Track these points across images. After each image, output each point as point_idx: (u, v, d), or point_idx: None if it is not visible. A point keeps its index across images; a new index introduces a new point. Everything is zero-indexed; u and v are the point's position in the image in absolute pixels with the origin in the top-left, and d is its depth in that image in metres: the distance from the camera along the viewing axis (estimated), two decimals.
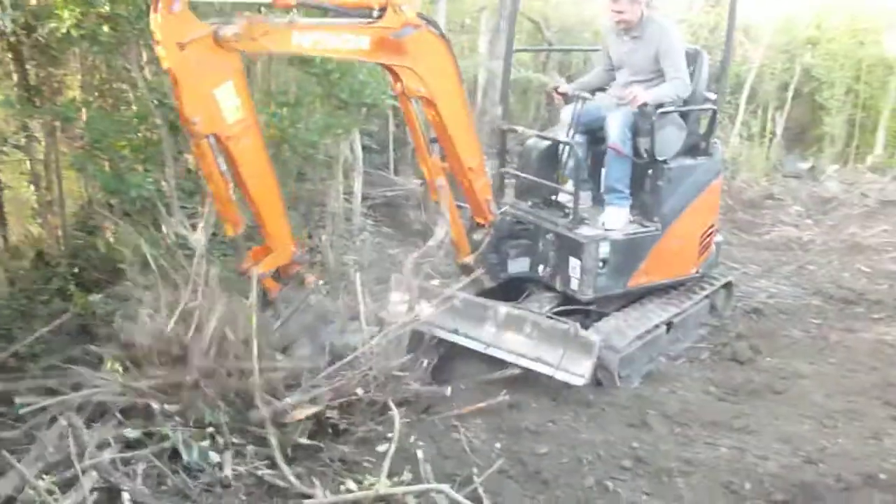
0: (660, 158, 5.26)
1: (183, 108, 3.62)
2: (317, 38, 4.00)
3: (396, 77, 4.52)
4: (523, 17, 12.26)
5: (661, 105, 5.15)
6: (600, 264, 5.14)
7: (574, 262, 5.20)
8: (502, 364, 4.88)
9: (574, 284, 5.24)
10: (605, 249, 5.14)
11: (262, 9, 3.89)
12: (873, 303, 6.76)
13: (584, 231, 5.21)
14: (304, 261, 4.60)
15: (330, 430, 3.97)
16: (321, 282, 4.66)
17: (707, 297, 6.02)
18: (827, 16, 13.39)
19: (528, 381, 4.80)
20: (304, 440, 3.82)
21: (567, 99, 5.63)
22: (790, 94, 12.97)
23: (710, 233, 5.78)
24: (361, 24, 4.15)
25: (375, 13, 4.17)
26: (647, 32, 5.29)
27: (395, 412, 3.97)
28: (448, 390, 4.54)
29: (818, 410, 4.74)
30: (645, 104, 5.10)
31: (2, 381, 4.28)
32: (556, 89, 5.83)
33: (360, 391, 4.07)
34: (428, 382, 4.70)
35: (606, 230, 5.25)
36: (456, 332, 5.02)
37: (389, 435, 3.82)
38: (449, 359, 5.18)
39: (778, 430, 4.45)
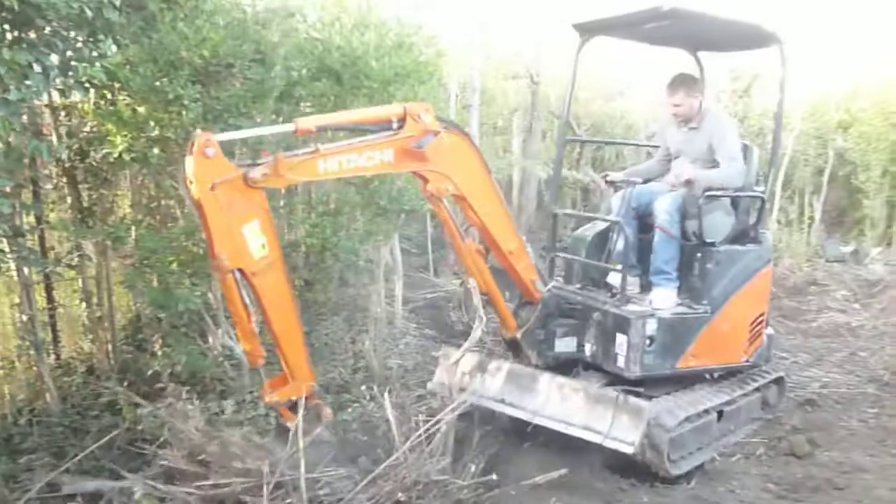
0: (708, 241, 5.31)
1: (211, 244, 3.78)
2: (341, 161, 4.14)
3: (425, 180, 4.64)
4: (553, 115, 12.59)
5: (709, 189, 5.24)
6: (647, 342, 5.11)
7: (621, 339, 5.18)
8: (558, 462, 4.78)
9: (621, 362, 5.20)
10: (652, 326, 5.12)
11: None
12: None
13: (632, 308, 5.24)
14: (320, 395, 4.60)
15: None
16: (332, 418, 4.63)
17: (758, 389, 5.88)
18: (855, 99, 13.51)
19: (579, 485, 4.69)
20: None
21: (616, 187, 5.74)
22: (825, 178, 12.99)
23: (761, 321, 5.74)
24: (383, 138, 4.30)
25: (395, 125, 4.32)
26: (705, 123, 5.48)
27: None
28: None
29: None
30: (690, 180, 5.21)
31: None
32: (605, 177, 6.01)
33: (401, 496, 4.03)
34: (475, 486, 4.61)
35: (654, 308, 5.26)
36: (503, 401, 4.99)
37: None
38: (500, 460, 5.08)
39: None
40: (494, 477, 4.42)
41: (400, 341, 7.32)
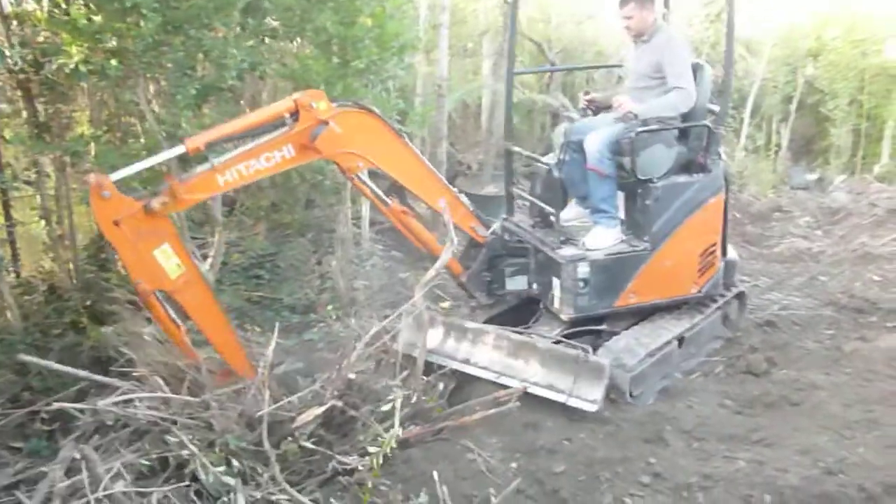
0: (643, 178, 5.20)
1: (129, 271, 4.10)
2: (240, 169, 4.25)
3: (337, 161, 4.73)
4: (525, 38, 12.37)
5: (657, 120, 5.14)
6: (581, 284, 5.12)
7: (555, 282, 5.21)
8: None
9: (556, 303, 5.25)
10: (584, 269, 5.11)
11: None
12: (887, 312, 6.69)
13: (564, 251, 5.21)
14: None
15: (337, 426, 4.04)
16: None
17: (719, 308, 5.97)
18: (826, 27, 13.46)
19: (542, 399, 4.78)
20: (309, 444, 3.89)
21: (558, 121, 5.65)
22: (794, 106, 13.03)
23: (713, 251, 5.60)
24: (279, 136, 4.33)
25: (289, 119, 4.35)
26: (655, 38, 5.30)
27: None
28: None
29: (836, 421, 4.68)
30: (630, 113, 5.08)
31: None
32: (586, 94, 5.94)
33: (353, 376, 4.21)
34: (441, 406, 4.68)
35: (587, 250, 5.23)
36: (467, 362, 5.00)
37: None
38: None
39: (796, 441, 4.40)
40: None
41: (366, 262, 7.31)
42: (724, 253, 5.79)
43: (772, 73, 13.08)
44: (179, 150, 4.12)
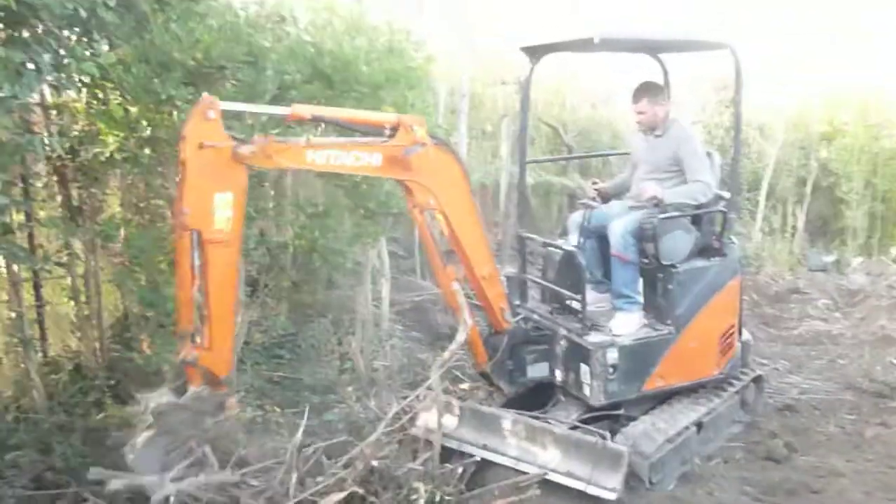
0: (666, 263, 5.32)
1: (181, 197, 3.90)
2: (329, 155, 4.28)
3: (409, 191, 4.76)
4: (541, 122, 12.68)
5: (675, 206, 5.28)
6: (610, 370, 5.16)
7: (584, 369, 5.24)
8: None
9: (586, 391, 5.27)
10: (613, 355, 5.16)
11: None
12: None
13: (592, 337, 5.26)
14: (232, 386, 4.57)
15: None
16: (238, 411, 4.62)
17: (737, 392, 5.96)
18: (838, 110, 13.69)
19: (561, 486, 4.75)
20: None
21: (577, 206, 5.77)
22: (809, 188, 13.16)
23: (732, 332, 5.70)
24: (374, 142, 4.43)
25: (388, 132, 4.45)
26: (670, 132, 5.48)
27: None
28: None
29: None
30: (654, 197, 5.23)
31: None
32: (594, 185, 6.08)
33: (375, 463, 4.17)
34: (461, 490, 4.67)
35: (615, 336, 5.28)
36: (485, 447, 4.97)
37: None
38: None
39: None
40: None
41: (386, 343, 7.36)
42: (739, 334, 5.85)
43: (786, 155, 13.26)
44: (286, 110, 4.25)
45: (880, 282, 10.50)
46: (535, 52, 5.66)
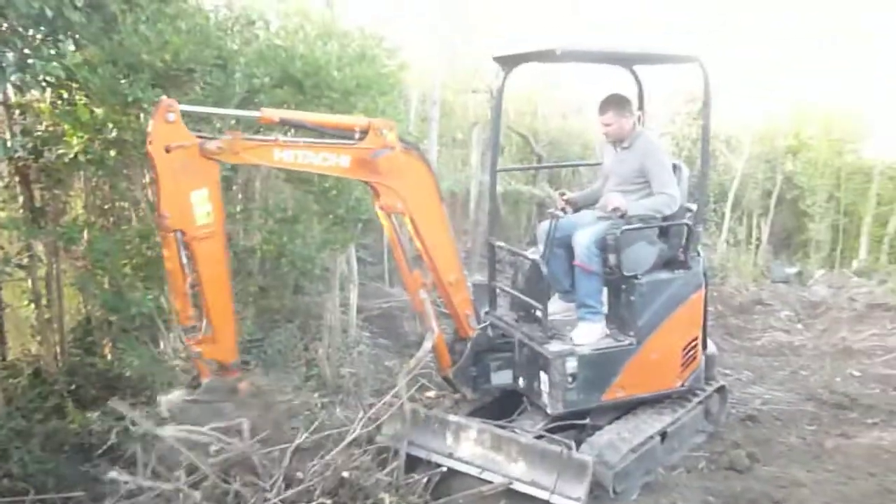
0: (628, 274, 5.33)
1: (159, 202, 3.97)
2: (297, 154, 4.33)
3: (377, 194, 4.78)
4: (512, 131, 12.73)
5: (639, 219, 5.32)
6: (569, 379, 5.17)
7: (543, 377, 5.26)
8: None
9: (545, 399, 5.28)
10: (572, 364, 5.16)
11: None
12: (867, 408, 6.78)
13: (552, 346, 5.27)
14: (240, 370, 4.63)
15: None
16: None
17: (701, 403, 6.01)
18: (803, 125, 13.94)
19: (525, 495, 4.76)
20: None
21: (544, 216, 5.79)
22: (773, 201, 13.37)
23: (694, 345, 5.71)
24: (343, 145, 4.47)
25: (357, 135, 4.49)
26: (636, 145, 5.52)
27: None
28: None
29: None
30: (618, 209, 5.26)
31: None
32: (562, 195, 6.08)
33: (346, 474, 4.15)
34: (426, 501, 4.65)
35: (575, 345, 5.31)
36: (450, 456, 4.95)
37: None
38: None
39: None
40: None
41: (353, 350, 7.33)
42: (704, 347, 5.88)
43: (752, 168, 13.47)
44: (254, 114, 4.31)
45: (842, 294, 10.71)
46: (506, 62, 5.68)
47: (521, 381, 5.58)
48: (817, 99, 13.64)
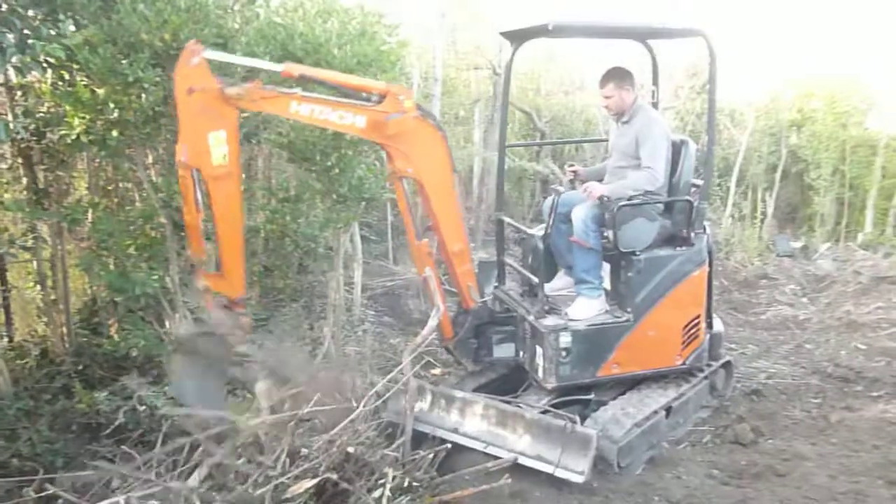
0: (625, 250, 5.33)
1: (179, 140, 4.10)
2: (314, 109, 4.43)
3: (389, 157, 4.88)
4: (515, 108, 12.67)
5: (628, 198, 5.27)
6: (563, 353, 5.20)
7: (539, 351, 5.29)
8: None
9: (539, 372, 5.31)
10: (566, 339, 5.20)
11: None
12: (871, 381, 6.78)
13: (548, 321, 5.30)
14: (246, 306, 4.71)
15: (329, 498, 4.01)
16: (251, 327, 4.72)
17: (706, 378, 6.02)
18: (808, 99, 13.82)
19: (530, 469, 4.79)
20: None
21: (547, 192, 5.79)
22: (778, 175, 13.30)
23: (696, 323, 5.67)
24: (359, 104, 4.54)
25: (374, 98, 4.56)
26: (636, 119, 5.48)
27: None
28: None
29: (822, 492, 4.73)
30: (602, 197, 5.23)
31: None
32: (570, 167, 6.14)
33: (351, 449, 4.17)
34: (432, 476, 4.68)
35: (570, 320, 5.32)
36: (455, 431, 5.01)
37: None
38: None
39: None
40: None
41: (358, 328, 7.36)
42: (709, 325, 5.85)
43: (756, 142, 13.39)
44: (278, 67, 4.41)
45: (847, 268, 10.66)
46: (513, 37, 5.64)
47: (521, 354, 5.61)
48: (821, 72, 13.52)
